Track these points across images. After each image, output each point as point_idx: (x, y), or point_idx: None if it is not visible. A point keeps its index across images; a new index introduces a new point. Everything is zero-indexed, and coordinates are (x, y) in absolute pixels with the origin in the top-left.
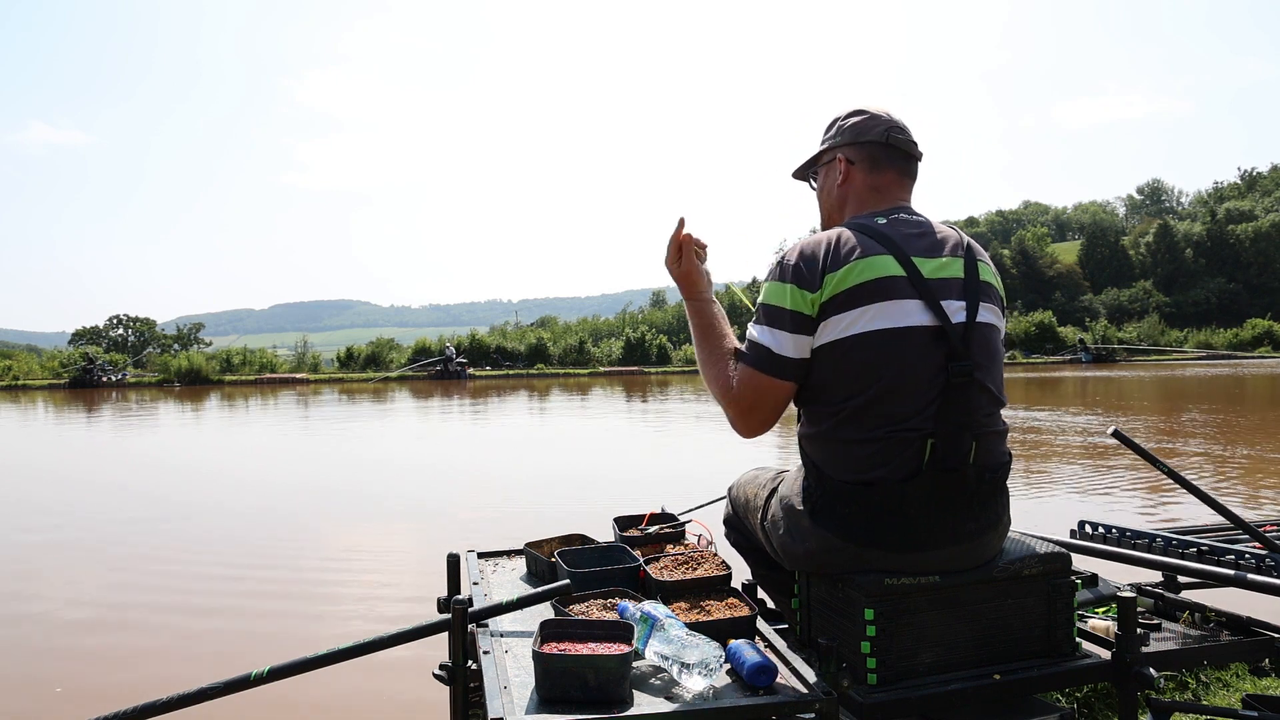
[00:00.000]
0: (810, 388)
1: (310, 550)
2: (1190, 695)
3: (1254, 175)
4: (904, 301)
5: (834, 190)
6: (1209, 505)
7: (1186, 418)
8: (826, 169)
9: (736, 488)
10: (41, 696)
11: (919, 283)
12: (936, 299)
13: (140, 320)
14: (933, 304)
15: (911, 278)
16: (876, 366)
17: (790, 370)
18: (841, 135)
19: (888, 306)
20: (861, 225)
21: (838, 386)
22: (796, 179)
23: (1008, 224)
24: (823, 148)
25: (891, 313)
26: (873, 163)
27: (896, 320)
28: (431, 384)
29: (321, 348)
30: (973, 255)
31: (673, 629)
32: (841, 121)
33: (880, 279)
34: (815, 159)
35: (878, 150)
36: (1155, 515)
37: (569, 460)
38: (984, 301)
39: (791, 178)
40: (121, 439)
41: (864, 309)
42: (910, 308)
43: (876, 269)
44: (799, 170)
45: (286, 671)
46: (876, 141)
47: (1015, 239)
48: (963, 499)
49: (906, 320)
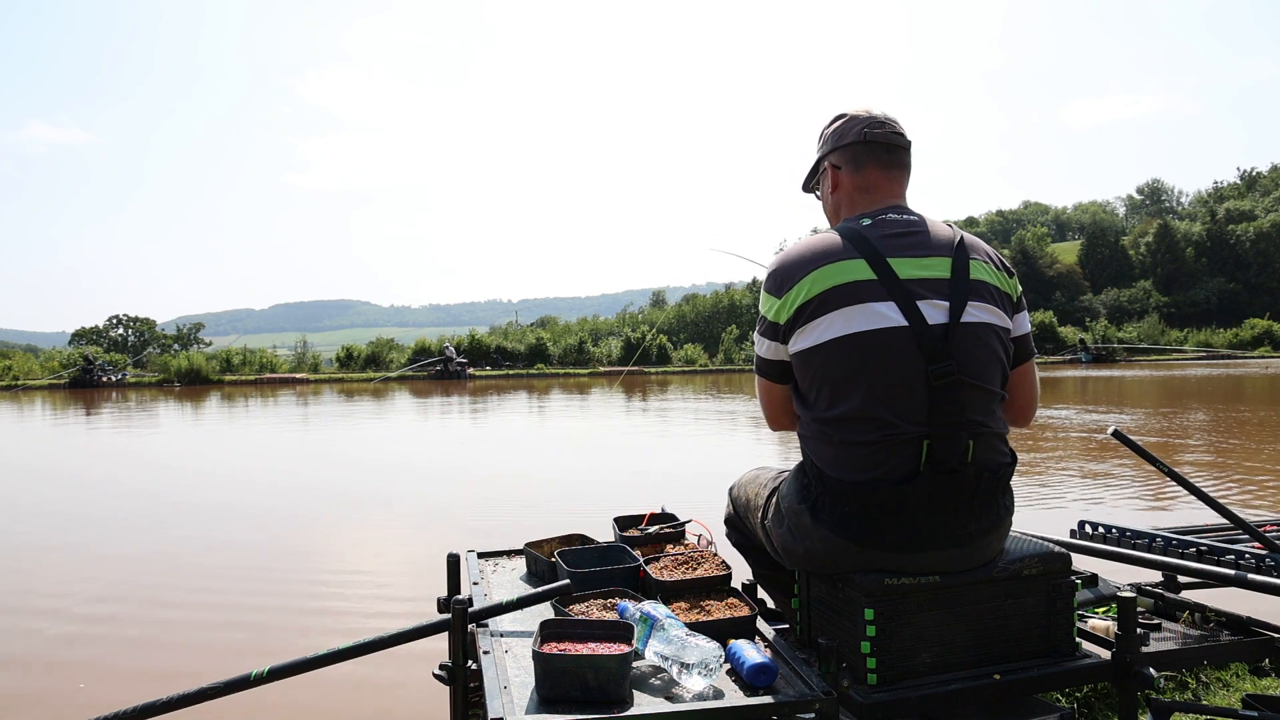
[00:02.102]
0: (803, 390)
1: (310, 550)
2: (1190, 695)
3: (1254, 175)
4: (874, 304)
5: (828, 198)
6: (1209, 505)
7: (1186, 418)
8: (822, 179)
9: (738, 488)
10: (44, 695)
11: (892, 284)
12: (912, 300)
13: (140, 320)
14: (906, 305)
15: (884, 280)
16: (855, 370)
17: (778, 373)
18: (826, 143)
19: (857, 310)
20: (845, 229)
21: (824, 390)
22: (806, 192)
23: (1008, 224)
24: (816, 159)
25: (861, 316)
26: (855, 163)
27: (867, 323)
28: (431, 384)
29: (321, 348)
30: (964, 254)
31: (672, 629)
32: (825, 130)
33: (849, 283)
34: (814, 171)
35: (858, 150)
36: (1155, 515)
37: (569, 460)
38: (974, 300)
39: (802, 191)
40: (121, 439)
41: (835, 314)
42: (881, 310)
43: (846, 273)
44: (806, 184)
45: (286, 671)
46: (855, 142)
47: (1015, 239)
48: (964, 500)
49: (877, 323)
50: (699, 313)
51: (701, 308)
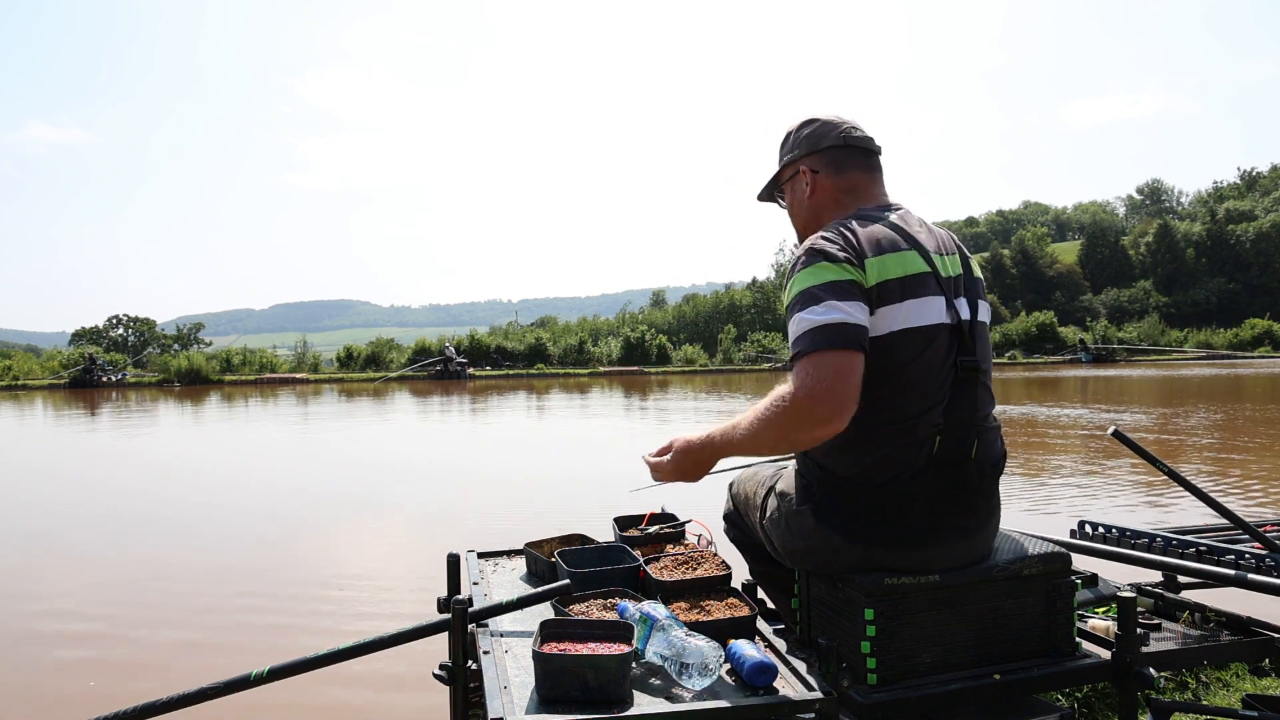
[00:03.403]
0: None
1: (310, 550)
2: (1190, 695)
3: (1254, 175)
4: (932, 298)
5: (804, 202)
6: (1209, 505)
7: (1186, 417)
8: (791, 184)
9: (737, 484)
10: (42, 697)
11: (941, 280)
12: (951, 296)
13: (140, 320)
14: (951, 301)
15: (935, 273)
16: (905, 363)
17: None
18: (800, 147)
19: (919, 304)
20: (880, 218)
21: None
22: (762, 201)
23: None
24: (783, 163)
25: (922, 310)
26: (837, 166)
27: (926, 318)
28: (431, 384)
29: (321, 348)
30: (964, 251)
31: (672, 629)
32: (795, 134)
33: (913, 275)
34: (778, 177)
35: (838, 153)
36: (1155, 515)
37: (569, 460)
38: (980, 298)
39: (758, 200)
40: (122, 439)
41: (899, 305)
42: (937, 305)
43: (909, 264)
44: (763, 192)
45: (286, 671)
46: (835, 145)
47: (1015, 239)
48: (965, 494)
49: (934, 318)
50: (699, 313)
51: (701, 308)
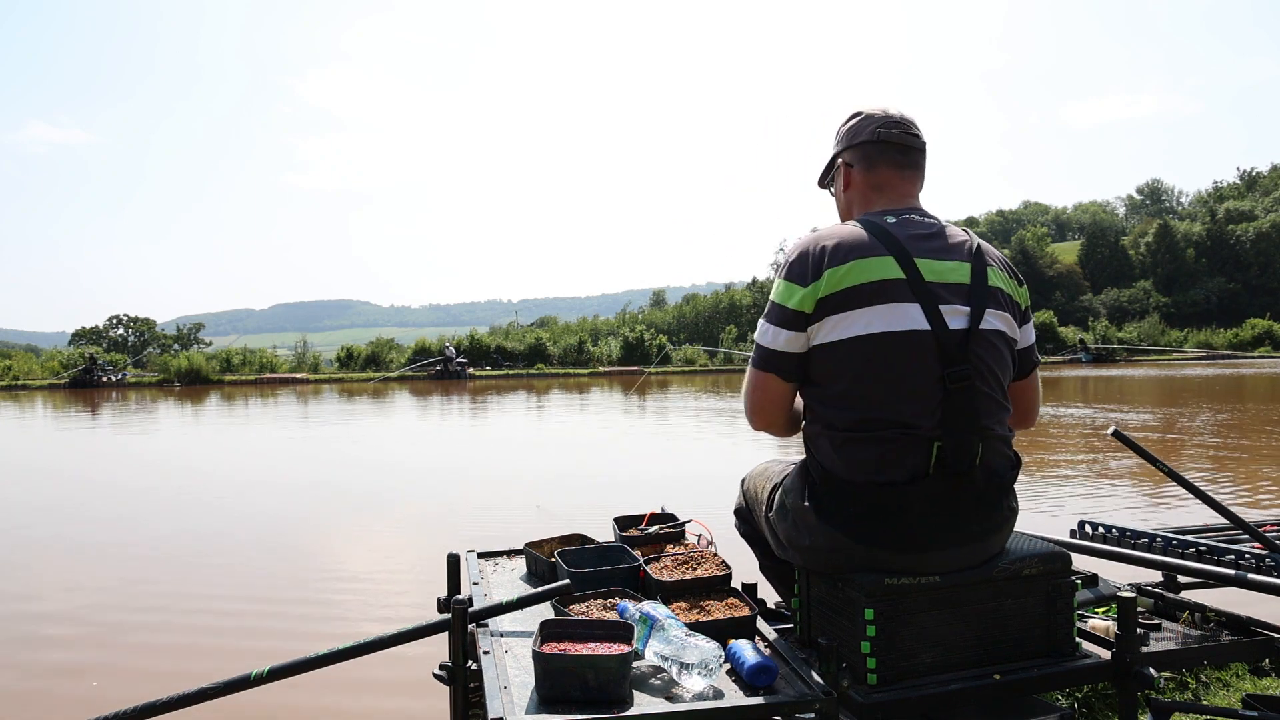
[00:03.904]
0: (814, 386)
1: (310, 550)
2: (1190, 695)
3: (1254, 175)
4: (902, 305)
5: (841, 195)
6: (1209, 505)
7: (1186, 418)
8: (836, 176)
9: (749, 479)
10: (42, 697)
11: (918, 286)
12: (935, 303)
13: (140, 320)
14: (930, 309)
15: (911, 280)
16: (875, 370)
17: (790, 367)
18: (840, 140)
19: (885, 310)
20: (870, 223)
21: (840, 387)
22: (822, 189)
23: (1008, 224)
24: (831, 156)
25: (888, 316)
26: (868, 162)
27: (893, 324)
28: (431, 384)
29: (321, 348)
30: (982, 260)
31: (672, 629)
32: (841, 127)
33: (879, 281)
34: (829, 168)
35: (871, 149)
36: (1155, 515)
37: (569, 460)
38: (991, 308)
39: (818, 187)
40: (122, 439)
41: (862, 310)
42: (908, 311)
43: (875, 270)
44: (820, 180)
45: (286, 671)
46: (869, 141)
47: (1015, 239)
48: (969, 501)
49: (903, 324)
50: (699, 313)
51: (701, 308)
